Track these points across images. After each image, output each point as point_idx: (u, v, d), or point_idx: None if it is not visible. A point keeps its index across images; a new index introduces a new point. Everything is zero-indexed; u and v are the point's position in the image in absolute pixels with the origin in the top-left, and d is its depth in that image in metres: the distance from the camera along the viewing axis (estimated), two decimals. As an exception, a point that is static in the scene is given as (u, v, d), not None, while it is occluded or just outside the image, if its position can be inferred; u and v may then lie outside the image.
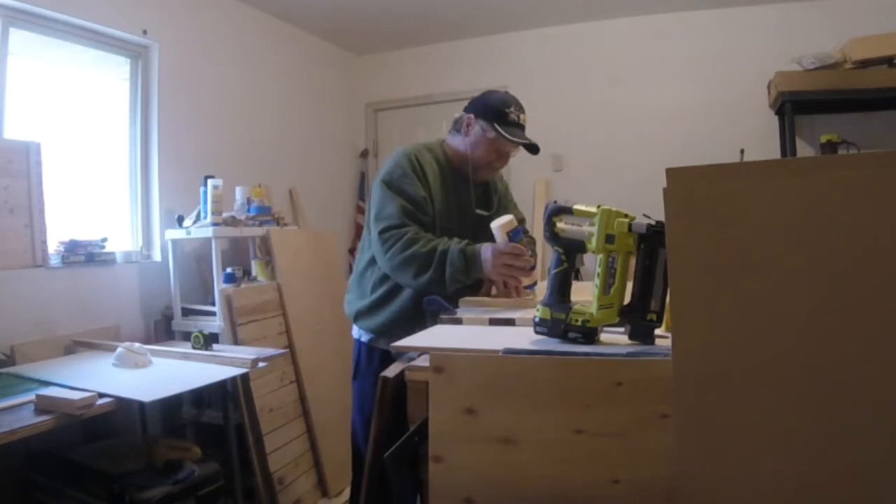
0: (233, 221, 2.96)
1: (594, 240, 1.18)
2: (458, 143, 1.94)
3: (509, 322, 1.45)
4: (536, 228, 4.20)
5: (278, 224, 3.28)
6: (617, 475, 0.94)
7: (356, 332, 2.03)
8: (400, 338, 1.75)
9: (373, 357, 1.96)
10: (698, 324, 0.79)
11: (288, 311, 3.12)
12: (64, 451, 2.21)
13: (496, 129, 1.84)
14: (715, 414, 0.78)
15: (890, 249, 0.70)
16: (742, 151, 3.78)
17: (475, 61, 4.50)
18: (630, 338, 1.19)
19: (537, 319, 1.24)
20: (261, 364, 2.29)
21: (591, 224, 1.19)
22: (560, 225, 1.25)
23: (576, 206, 1.24)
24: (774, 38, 3.78)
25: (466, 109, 1.93)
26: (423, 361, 1.17)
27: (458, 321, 1.50)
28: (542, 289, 1.63)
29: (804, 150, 3.73)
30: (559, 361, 1.03)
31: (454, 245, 1.72)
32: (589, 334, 1.19)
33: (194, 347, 2.42)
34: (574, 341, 1.19)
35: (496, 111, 1.86)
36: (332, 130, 4.43)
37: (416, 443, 1.10)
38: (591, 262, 1.24)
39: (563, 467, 0.97)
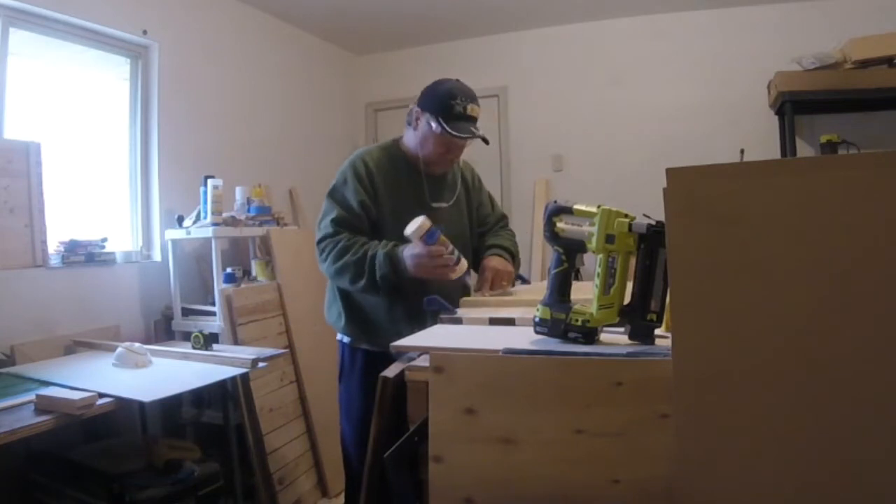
0: (233, 221, 2.96)
1: (594, 240, 1.17)
2: (410, 137, 1.92)
3: (509, 322, 1.45)
4: (536, 228, 4.21)
5: (278, 224, 3.28)
6: (617, 475, 0.94)
7: (338, 333, 2.03)
8: (378, 337, 1.78)
9: (356, 358, 1.95)
10: (698, 324, 0.79)
11: (288, 311, 3.12)
12: (64, 451, 2.21)
13: (441, 124, 1.79)
14: (715, 414, 0.78)
15: (890, 249, 0.70)
16: (742, 151, 3.78)
17: (475, 61, 4.50)
18: (630, 338, 1.19)
19: (537, 319, 1.24)
20: (261, 364, 2.28)
21: (591, 224, 1.19)
22: (560, 225, 1.25)
23: (576, 206, 1.24)
24: (774, 38, 3.78)
25: (417, 101, 1.89)
26: (423, 361, 1.17)
27: (458, 321, 1.50)
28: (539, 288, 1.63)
29: (804, 150, 3.74)
30: (559, 361, 1.03)
31: (380, 249, 1.73)
32: (589, 334, 1.19)
33: (194, 347, 2.42)
34: (574, 341, 1.19)
35: (441, 104, 1.80)
36: (332, 130, 4.42)
37: (416, 443, 1.10)
38: (592, 263, 1.24)
39: (563, 467, 0.97)
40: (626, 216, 1.17)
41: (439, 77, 1.91)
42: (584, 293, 1.26)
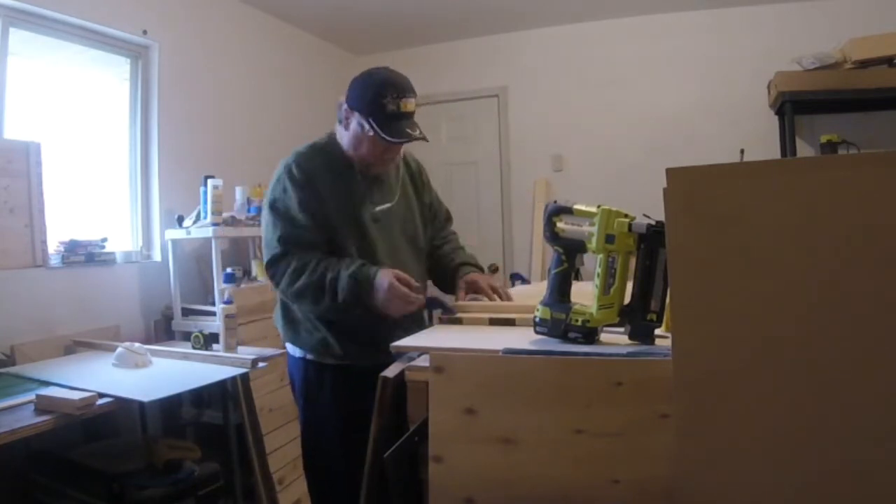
0: (233, 221, 2.96)
1: (594, 240, 1.17)
2: (343, 136, 1.72)
3: (509, 322, 1.45)
4: (536, 229, 4.21)
5: (278, 224, 3.28)
6: (617, 475, 0.94)
7: (297, 350, 1.81)
8: (349, 349, 1.66)
9: (323, 376, 1.74)
10: (698, 324, 0.79)
11: (288, 311, 3.11)
12: (64, 451, 2.21)
13: (373, 127, 1.59)
14: (715, 414, 0.78)
15: (890, 249, 0.70)
16: (742, 151, 3.78)
17: (475, 61, 4.50)
18: (630, 338, 1.19)
19: (538, 319, 1.24)
20: (261, 364, 2.29)
21: (591, 224, 1.19)
22: (560, 225, 1.25)
23: (576, 206, 1.24)
24: (774, 38, 3.78)
25: (346, 96, 1.69)
26: (423, 361, 1.17)
27: (458, 321, 1.50)
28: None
29: (804, 150, 3.74)
30: (559, 361, 1.03)
31: (343, 270, 1.55)
32: (589, 334, 1.19)
33: (194, 347, 2.42)
34: (574, 341, 1.19)
35: (370, 104, 1.59)
36: (331, 130, 4.41)
37: (416, 443, 1.10)
38: (591, 263, 1.24)
39: (563, 467, 0.97)
40: (626, 216, 1.16)
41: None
42: (584, 298, 1.26)
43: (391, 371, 1.20)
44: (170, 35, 3.14)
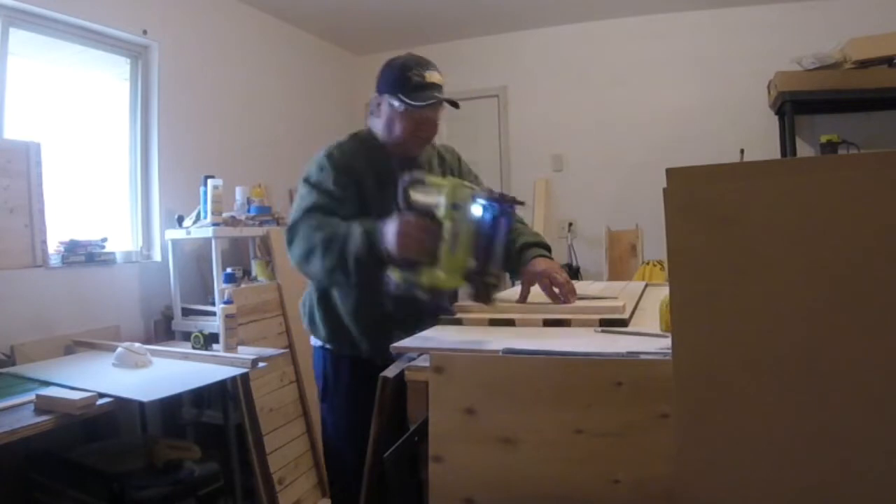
0: (233, 221, 2.96)
1: (442, 208, 1.29)
2: (377, 126, 1.74)
3: (509, 322, 1.44)
4: (537, 229, 4.21)
5: (278, 224, 3.28)
6: (617, 475, 0.94)
7: (317, 341, 1.82)
8: (363, 344, 1.66)
9: (340, 369, 1.76)
10: (698, 324, 0.79)
11: (288, 311, 3.12)
12: (64, 451, 2.21)
13: (401, 100, 1.61)
14: (715, 414, 0.78)
15: (890, 249, 0.70)
16: (742, 151, 3.78)
17: (475, 61, 4.50)
18: (472, 299, 1.32)
19: (392, 280, 1.35)
20: (261, 364, 2.29)
21: (440, 194, 1.31)
22: (414, 196, 1.36)
23: (428, 178, 1.37)
24: (774, 38, 3.78)
25: (375, 89, 1.73)
26: (423, 361, 1.17)
27: (458, 322, 1.50)
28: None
29: (804, 150, 3.74)
30: (559, 361, 1.03)
31: (356, 225, 1.50)
32: (437, 296, 1.32)
33: (194, 347, 2.42)
34: (422, 298, 1.32)
35: (396, 80, 1.63)
36: (331, 130, 4.39)
37: (416, 443, 1.10)
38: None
39: (563, 467, 0.97)
40: (470, 188, 1.30)
41: None
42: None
43: (391, 371, 1.20)
44: (170, 35, 3.14)
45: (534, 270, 1.63)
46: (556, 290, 1.58)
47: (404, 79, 1.62)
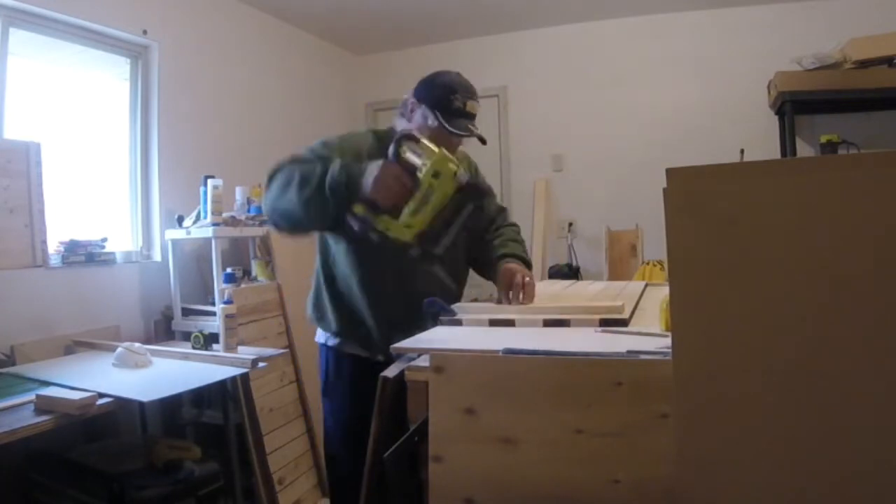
0: (233, 221, 2.96)
1: (425, 170, 1.36)
2: (403, 127, 1.72)
3: (509, 322, 1.45)
4: (537, 228, 4.21)
5: (278, 224, 3.28)
6: (617, 475, 0.94)
7: (322, 335, 1.83)
8: (368, 341, 1.66)
9: (342, 366, 1.77)
10: (698, 324, 0.78)
11: (288, 311, 3.12)
12: (64, 451, 2.21)
13: (438, 119, 1.63)
14: (715, 414, 0.78)
15: (890, 249, 0.70)
16: (742, 151, 3.78)
17: (475, 61, 4.49)
18: (415, 263, 1.42)
19: (355, 214, 1.41)
20: (261, 364, 2.29)
21: (427, 160, 1.37)
22: (404, 154, 1.41)
23: (423, 141, 1.42)
24: (774, 38, 3.78)
25: (413, 91, 1.74)
26: (423, 361, 1.17)
27: (458, 322, 1.50)
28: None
29: (804, 150, 3.74)
30: (559, 361, 1.03)
31: (337, 161, 1.48)
32: (382, 238, 1.39)
33: (194, 347, 2.42)
34: (373, 241, 1.41)
35: (439, 98, 1.65)
36: (331, 130, 4.37)
37: (416, 443, 1.10)
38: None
39: (563, 467, 0.97)
40: (457, 166, 1.36)
41: None
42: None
43: (391, 371, 1.20)
44: (170, 35, 3.14)
45: (501, 273, 1.72)
46: (512, 292, 1.64)
47: (447, 100, 1.65)
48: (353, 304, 1.70)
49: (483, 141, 1.74)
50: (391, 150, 1.40)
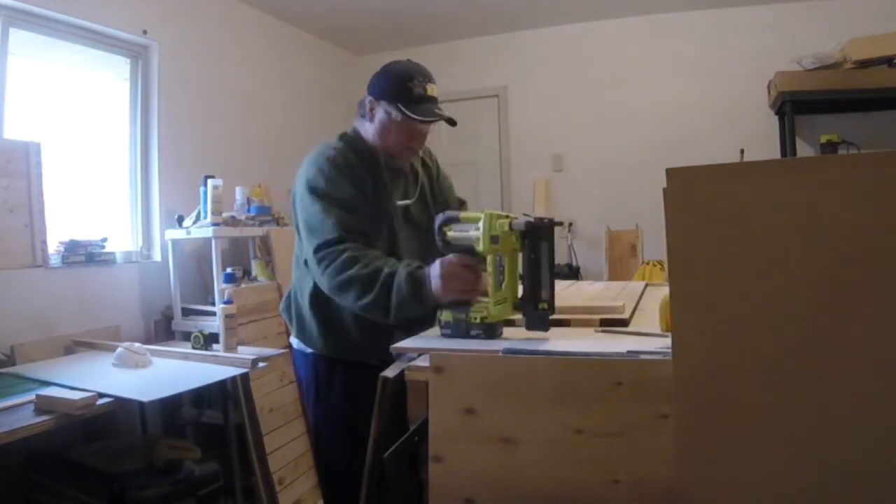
0: (233, 221, 2.96)
1: (481, 242, 1.26)
2: (367, 130, 1.70)
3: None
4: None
5: (278, 224, 3.28)
6: (617, 475, 0.94)
7: (308, 349, 1.75)
8: (357, 349, 1.62)
9: (334, 373, 1.70)
10: (698, 324, 0.78)
11: (288, 311, 3.12)
12: (64, 451, 2.21)
13: (401, 111, 1.58)
14: (715, 414, 0.78)
15: (890, 249, 0.70)
16: (742, 151, 3.78)
17: (475, 61, 4.50)
18: (527, 328, 1.26)
19: (442, 323, 1.32)
20: (261, 364, 2.28)
21: (476, 228, 1.27)
22: (450, 234, 1.34)
23: (462, 214, 1.35)
24: (774, 38, 3.79)
25: (368, 90, 1.69)
26: (422, 361, 1.17)
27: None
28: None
29: (804, 150, 3.74)
30: (559, 361, 1.03)
31: (402, 268, 1.43)
32: (489, 329, 1.27)
33: (194, 347, 2.42)
34: (476, 338, 1.27)
35: (397, 89, 1.60)
36: (332, 130, 4.37)
37: (416, 443, 1.10)
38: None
39: (563, 467, 0.97)
40: (507, 217, 1.26)
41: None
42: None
43: (391, 371, 1.20)
44: (170, 35, 3.14)
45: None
46: None
47: (405, 89, 1.59)
48: (334, 314, 1.65)
49: (452, 122, 1.62)
50: (437, 243, 1.34)
